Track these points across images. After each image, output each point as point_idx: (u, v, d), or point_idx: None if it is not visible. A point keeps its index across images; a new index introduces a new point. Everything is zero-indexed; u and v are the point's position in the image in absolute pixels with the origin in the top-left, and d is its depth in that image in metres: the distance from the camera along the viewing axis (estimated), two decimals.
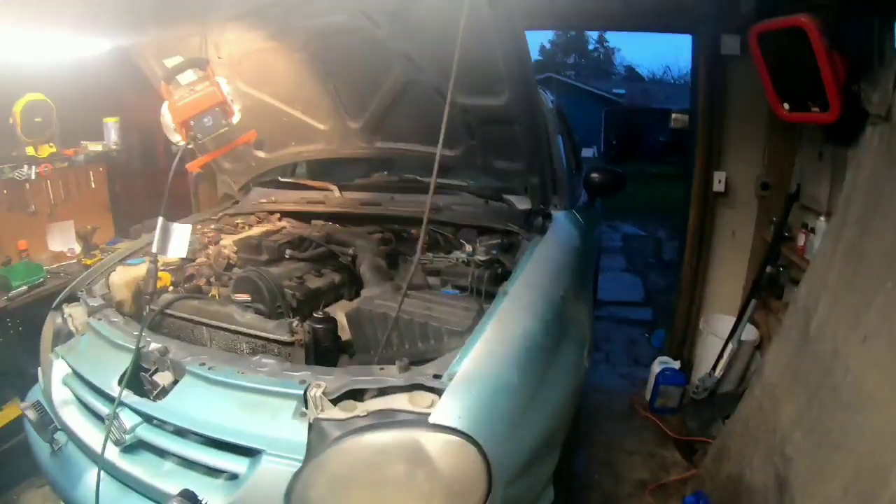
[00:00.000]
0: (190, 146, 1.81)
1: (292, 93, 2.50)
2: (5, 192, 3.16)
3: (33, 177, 3.21)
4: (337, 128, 2.62)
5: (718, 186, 3.57)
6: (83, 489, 1.65)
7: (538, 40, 39.00)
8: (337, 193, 2.76)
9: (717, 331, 3.50)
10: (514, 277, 1.83)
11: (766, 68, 2.69)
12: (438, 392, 1.35)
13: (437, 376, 1.39)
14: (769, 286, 3.25)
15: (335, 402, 1.37)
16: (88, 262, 3.28)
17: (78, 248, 3.48)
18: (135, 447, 1.58)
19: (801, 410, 2.01)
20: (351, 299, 2.15)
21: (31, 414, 1.84)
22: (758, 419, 2.31)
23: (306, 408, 1.37)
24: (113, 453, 1.57)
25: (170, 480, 1.47)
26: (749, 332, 3.37)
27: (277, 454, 1.34)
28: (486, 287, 1.85)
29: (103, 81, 3.36)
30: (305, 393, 1.37)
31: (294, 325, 1.70)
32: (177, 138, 1.82)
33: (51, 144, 3.28)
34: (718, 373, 3.36)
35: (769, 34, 2.57)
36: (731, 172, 3.57)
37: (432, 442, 1.29)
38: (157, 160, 4.29)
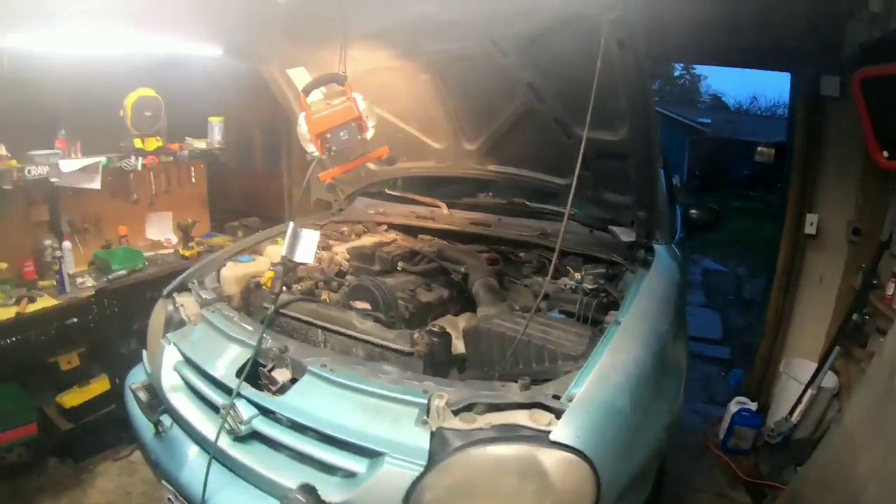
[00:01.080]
0: (324, 157, 1.88)
1: (411, 111, 2.60)
2: (110, 179, 3.36)
3: (139, 168, 3.41)
4: (451, 148, 2.70)
5: (810, 229, 3.51)
6: (189, 472, 1.74)
7: None
8: (445, 210, 2.84)
9: (797, 375, 3.42)
10: (625, 308, 1.86)
11: (868, 114, 2.66)
12: (557, 412, 1.40)
13: (556, 397, 1.44)
14: (854, 334, 3.17)
15: (455, 413, 1.43)
16: (186, 253, 3.46)
17: (174, 239, 3.67)
18: (247, 438, 1.66)
19: (880, 462, 1.98)
20: (456, 315, 2.20)
21: (142, 395, 1.94)
22: (834, 468, 2.28)
23: (428, 416, 1.42)
24: (224, 442, 1.65)
25: (283, 472, 1.54)
26: (828, 380, 3.28)
27: (399, 458, 1.39)
28: (593, 314, 1.90)
29: (210, 82, 3.54)
30: (429, 402, 1.43)
31: (415, 336, 1.76)
32: (311, 149, 1.90)
33: (157, 138, 3.46)
34: (796, 418, 3.27)
35: (873, 80, 2.55)
36: (822, 215, 3.50)
37: (551, 458, 1.35)
38: (253, 161, 4.49)
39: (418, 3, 1.87)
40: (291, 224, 1.89)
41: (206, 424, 1.76)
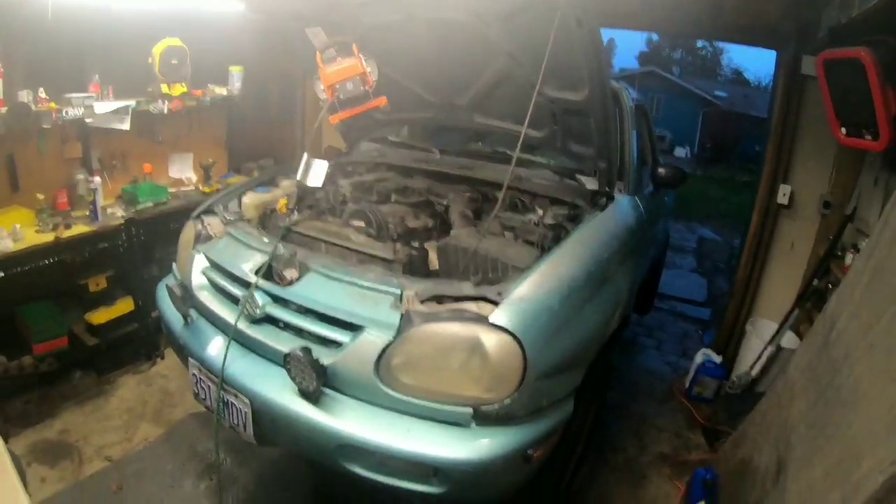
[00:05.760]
0: (335, 103, 2.50)
1: (411, 69, 3.17)
2: (138, 121, 3.91)
3: (165, 111, 3.97)
4: (444, 102, 3.29)
5: (783, 199, 4.02)
6: (212, 349, 2.35)
7: (646, 33, 39.25)
8: (437, 156, 3.45)
9: (761, 334, 3.97)
10: (569, 236, 2.46)
11: (829, 93, 3.10)
12: (498, 304, 1.98)
13: (499, 293, 2.02)
14: (815, 299, 3.68)
15: (423, 302, 2.03)
16: (206, 189, 4.10)
17: (194, 178, 4.30)
18: (260, 321, 2.28)
19: (810, 406, 2.39)
20: (438, 241, 2.78)
21: (177, 290, 2.53)
22: (775, 411, 2.72)
23: (400, 302, 2.03)
24: (242, 324, 2.27)
25: (287, 345, 2.12)
26: (790, 341, 3.82)
27: (375, 330, 2.01)
28: (549, 244, 2.46)
29: (232, 34, 4.12)
30: (401, 292, 2.04)
31: (396, 247, 2.39)
32: (324, 96, 2.53)
33: (183, 85, 4.03)
34: (755, 372, 3.84)
35: (833, 62, 2.98)
36: (797, 187, 4.00)
37: (488, 335, 1.93)
38: (269, 109, 5.08)
39: None
40: (305, 154, 2.51)
41: (227, 313, 2.37)
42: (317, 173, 2.55)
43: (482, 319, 1.95)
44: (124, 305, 3.81)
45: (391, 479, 2.00)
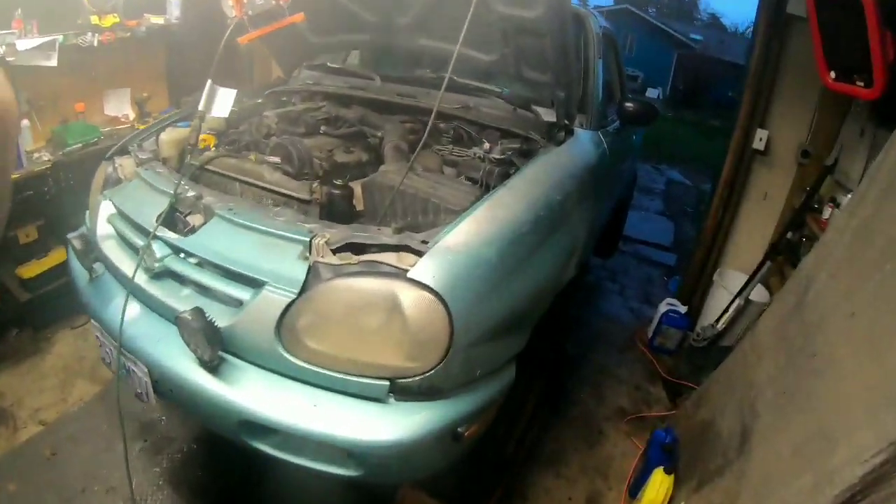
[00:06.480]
0: (243, 20, 2.10)
1: None
2: (68, 56, 3.46)
3: (96, 44, 3.55)
4: (384, 22, 2.86)
5: (759, 144, 3.67)
6: (112, 310, 2.00)
7: None
8: (378, 82, 3.03)
9: (728, 286, 3.70)
10: (518, 173, 2.10)
11: (819, 33, 2.74)
12: (422, 254, 1.64)
13: (424, 242, 1.67)
14: (788, 252, 3.39)
15: (336, 252, 1.68)
16: (142, 126, 3.66)
17: (132, 115, 3.91)
18: (161, 275, 1.93)
19: (779, 371, 2.19)
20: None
21: (76, 243, 2.21)
22: (740, 371, 2.52)
23: (309, 253, 1.68)
24: (142, 279, 1.93)
25: (185, 302, 1.79)
26: (760, 294, 3.56)
27: (277, 286, 1.65)
28: (495, 182, 2.09)
29: None
30: (311, 240, 1.68)
31: (313, 186, 2.02)
32: (231, 13, 2.12)
33: (114, 15, 3.60)
34: (721, 325, 3.58)
35: None
36: (774, 133, 3.66)
37: (406, 294, 1.58)
38: (213, 37, 4.61)
39: None
40: (209, 81, 2.13)
41: (128, 266, 2.00)
42: (223, 102, 2.17)
43: (400, 274, 1.61)
44: (57, 256, 3.47)
45: (300, 459, 1.70)
